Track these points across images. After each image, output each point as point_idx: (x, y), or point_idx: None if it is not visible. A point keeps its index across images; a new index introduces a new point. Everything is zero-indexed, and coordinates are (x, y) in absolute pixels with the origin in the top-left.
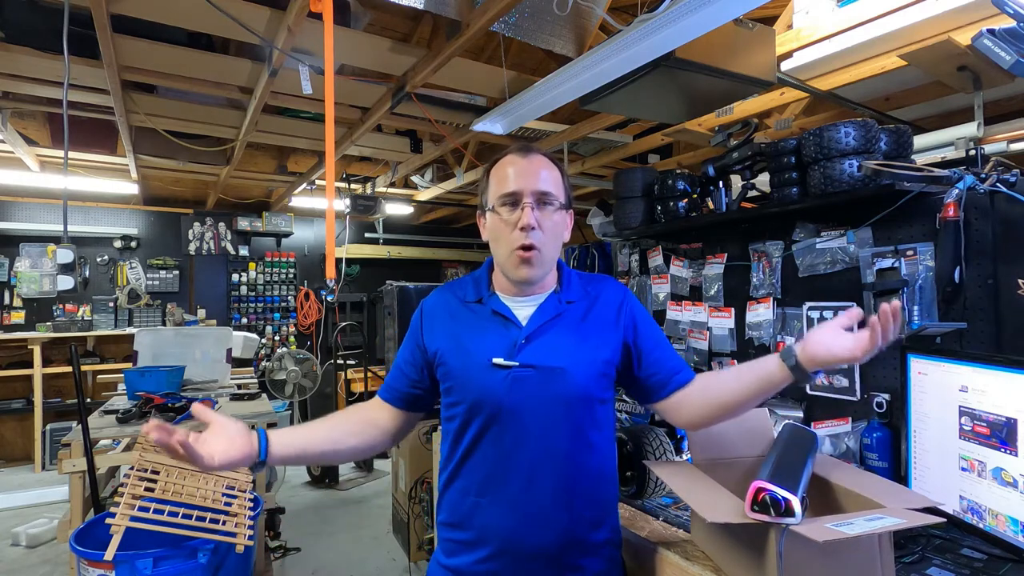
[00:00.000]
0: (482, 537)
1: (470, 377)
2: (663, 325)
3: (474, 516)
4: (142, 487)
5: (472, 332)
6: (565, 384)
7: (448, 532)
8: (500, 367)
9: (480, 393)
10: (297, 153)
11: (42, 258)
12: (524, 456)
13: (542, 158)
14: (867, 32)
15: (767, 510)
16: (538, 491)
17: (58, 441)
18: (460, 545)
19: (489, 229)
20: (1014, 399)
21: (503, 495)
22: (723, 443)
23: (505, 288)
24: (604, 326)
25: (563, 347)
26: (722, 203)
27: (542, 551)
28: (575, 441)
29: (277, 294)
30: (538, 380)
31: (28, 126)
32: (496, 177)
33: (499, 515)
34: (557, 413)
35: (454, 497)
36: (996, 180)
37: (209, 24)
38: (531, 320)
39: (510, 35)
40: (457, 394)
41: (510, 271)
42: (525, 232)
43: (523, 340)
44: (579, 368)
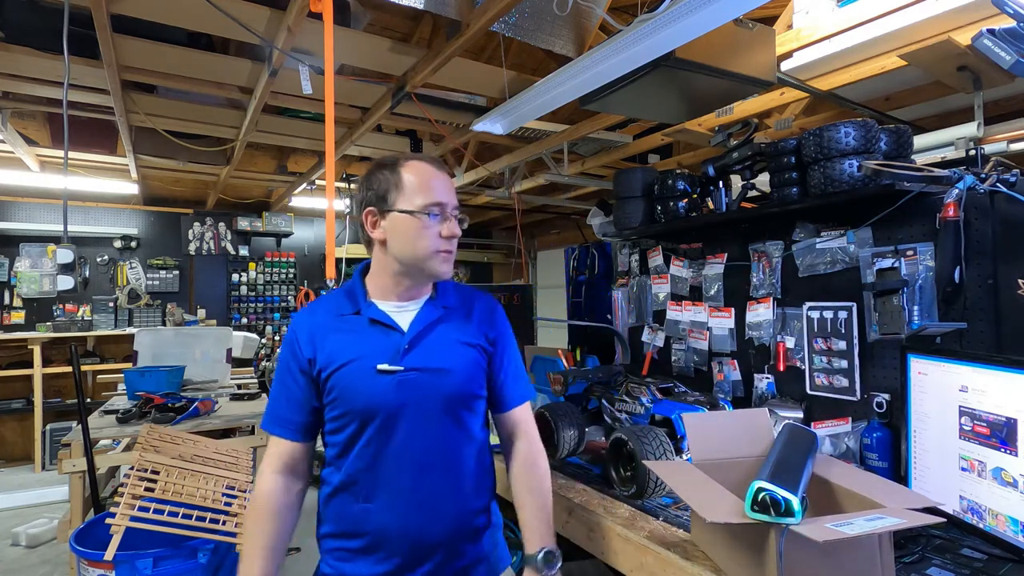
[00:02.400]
0: (377, 541)
1: (356, 386)
2: (663, 325)
3: (365, 522)
4: (142, 487)
5: (354, 342)
6: (449, 384)
7: (336, 542)
8: (385, 372)
9: (367, 400)
10: (297, 153)
11: (42, 258)
12: (414, 456)
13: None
14: (867, 32)
15: (767, 510)
16: (429, 486)
17: (58, 441)
18: (353, 553)
19: (400, 230)
20: (1014, 399)
21: (395, 495)
22: (723, 443)
23: (383, 295)
24: (478, 331)
25: (445, 349)
26: (722, 203)
27: (437, 542)
28: (459, 436)
29: (277, 294)
30: (424, 382)
31: (28, 126)
32: (418, 183)
33: (392, 516)
34: (443, 411)
35: (340, 507)
36: (996, 180)
37: (209, 24)
38: (412, 325)
39: (510, 35)
40: (344, 404)
41: (433, 267)
42: (450, 240)
43: (406, 345)
44: (461, 368)
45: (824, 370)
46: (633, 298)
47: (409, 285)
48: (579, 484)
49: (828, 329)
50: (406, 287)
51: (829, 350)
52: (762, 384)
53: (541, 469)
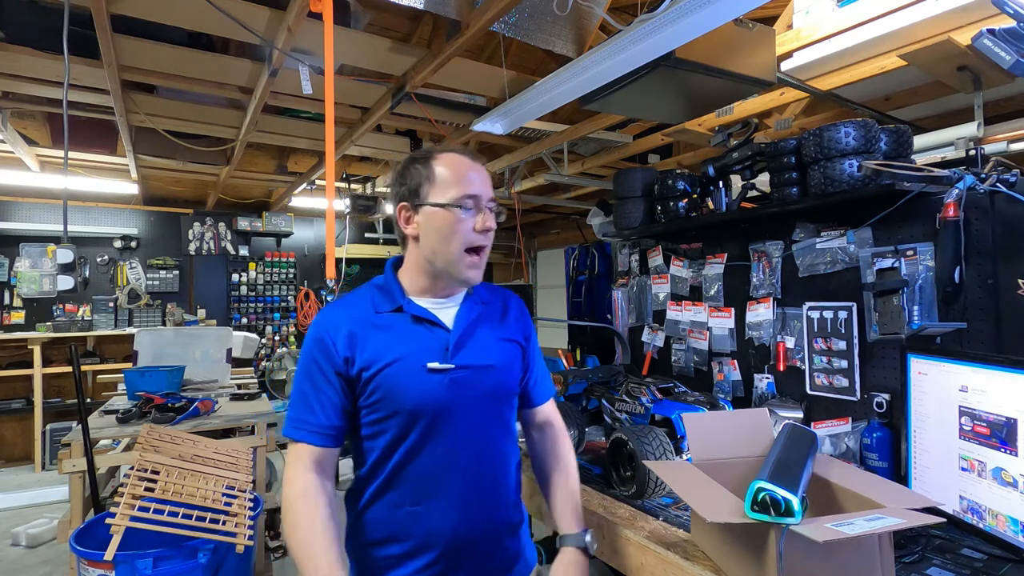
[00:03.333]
0: (424, 544)
1: (406, 386)
2: (663, 325)
3: (412, 525)
4: (142, 487)
5: (398, 340)
6: (496, 380)
7: (377, 550)
8: (437, 371)
9: (417, 400)
10: (297, 153)
11: (42, 258)
12: (463, 454)
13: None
14: (867, 32)
15: (767, 510)
16: (476, 483)
17: (58, 441)
18: (396, 559)
19: (431, 225)
20: (1014, 399)
21: (445, 496)
22: (724, 443)
23: (420, 292)
24: (514, 329)
25: (489, 345)
26: (722, 203)
27: (484, 539)
28: (503, 432)
29: (277, 294)
30: (473, 379)
31: (28, 126)
32: (451, 174)
33: (440, 517)
34: (489, 408)
35: (383, 512)
36: (996, 180)
37: (209, 24)
38: (457, 322)
39: (510, 35)
40: (391, 405)
41: (460, 272)
42: (485, 234)
43: (454, 342)
44: (505, 364)
45: (824, 370)
46: (633, 298)
47: (444, 284)
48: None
49: (828, 329)
50: (441, 285)
51: (829, 350)
52: (762, 384)
53: (571, 455)
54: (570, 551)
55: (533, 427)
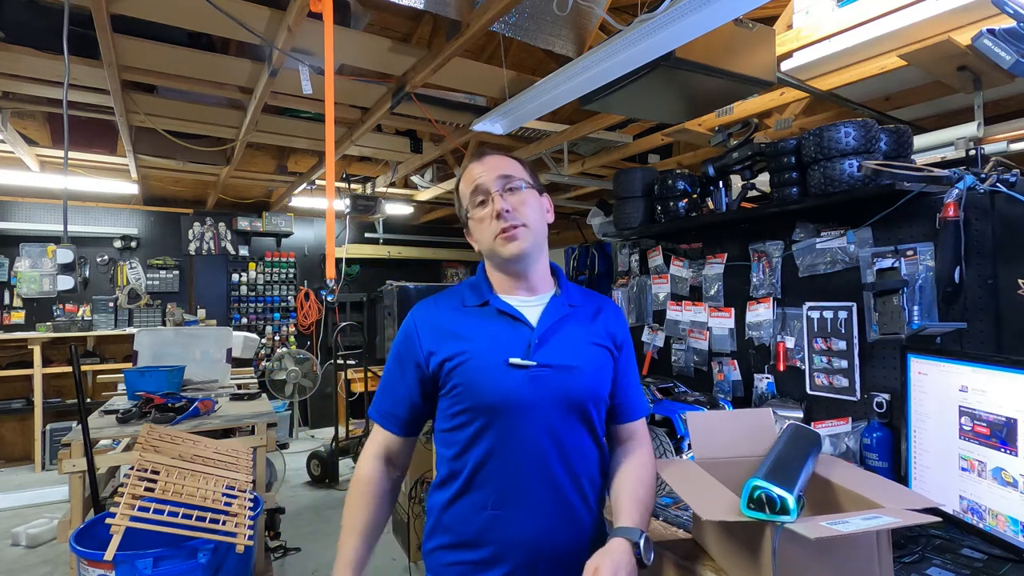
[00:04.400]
0: (502, 552)
1: (486, 379)
2: (663, 325)
3: (491, 530)
4: (142, 487)
5: (480, 335)
6: (580, 382)
7: (455, 554)
8: (518, 367)
9: (497, 394)
10: (297, 153)
11: (42, 258)
12: (544, 457)
13: (500, 155)
14: (867, 32)
15: (762, 508)
16: (564, 492)
17: (58, 441)
18: (473, 566)
19: (473, 233)
20: (1014, 399)
21: (526, 501)
22: (726, 442)
23: (507, 290)
24: (606, 335)
25: (575, 347)
26: (722, 203)
27: (566, 550)
28: (588, 438)
29: (277, 294)
30: (555, 379)
31: (28, 126)
32: (463, 185)
33: (522, 524)
34: (573, 411)
35: (463, 513)
36: (996, 180)
37: (209, 24)
38: (542, 319)
39: (510, 35)
40: (470, 399)
41: (501, 251)
42: (501, 219)
43: (536, 340)
44: (591, 368)
45: (824, 370)
46: (633, 298)
47: (520, 276)
48: None
49: (828, 329)
50: (520, 279)
51: (829, 350)
52: (762, 384)
53: (653, 471)
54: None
55: (619, 444)
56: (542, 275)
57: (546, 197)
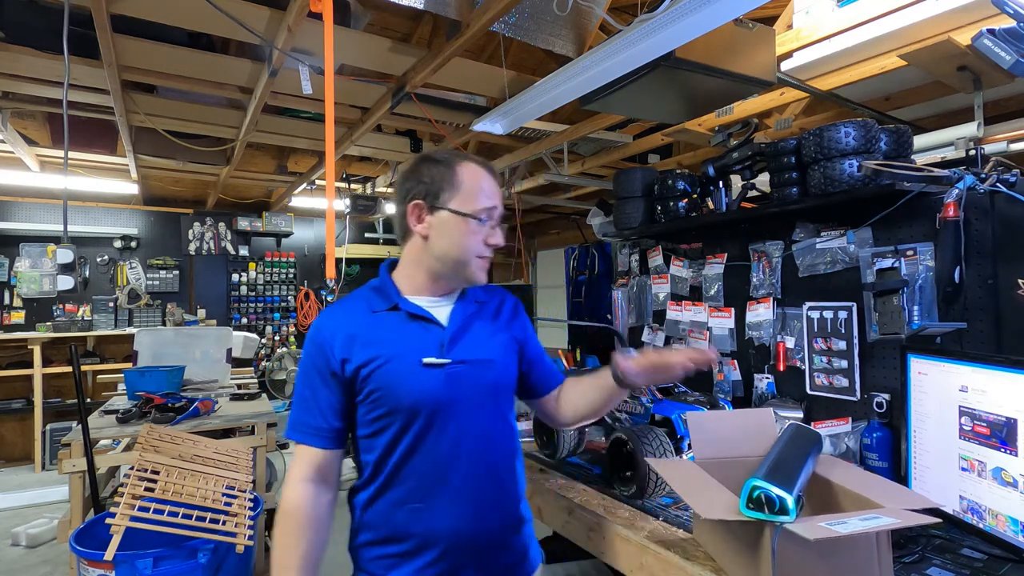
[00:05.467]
0: (426, 541)
1: (402, 382)
2: (663, 325)
3: (413, 523)
4: (142, 487)
5: (393, 339)
6: (494, 374)
7: (379, 549)
8: (433, 366)
9: (415, 396)
10: (297, 153)
11: (42, 258)
12: (464, 450)
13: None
14: (867, 32)
15: (761, 508)
16: (478, 478)
17: (58, 441)
18: (398, 558)
19: (446, 229)
20: (1014, 399)
21: (445, 492)
22: (727, 442)
23: (416, 291)
24: (509, 324)
25: (486, 341)
26: (722, 203)
27: (488, 538)
28: (504, 426)
29: (277, 294)
30: (471, 374)
31: (28, 126)
32: (475, 185)
33: (443, 513)
34: (489, 402)
35: (385, 511)
36: (996, 180)
37: (209, 24)
38: (452, 318)
39: (510, 35)
40: (388, 403)
41: (472, 273)
42: (489, 248)
43: (449, 338)
44: (503, 358)
45: (824, 370)
46: (633, 298)
47: (444, 283)
48: (579, 484)
49: (828, 329)
50: (441, 284)
51: (829, 350)
52: (762, 384)
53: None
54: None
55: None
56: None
57: None
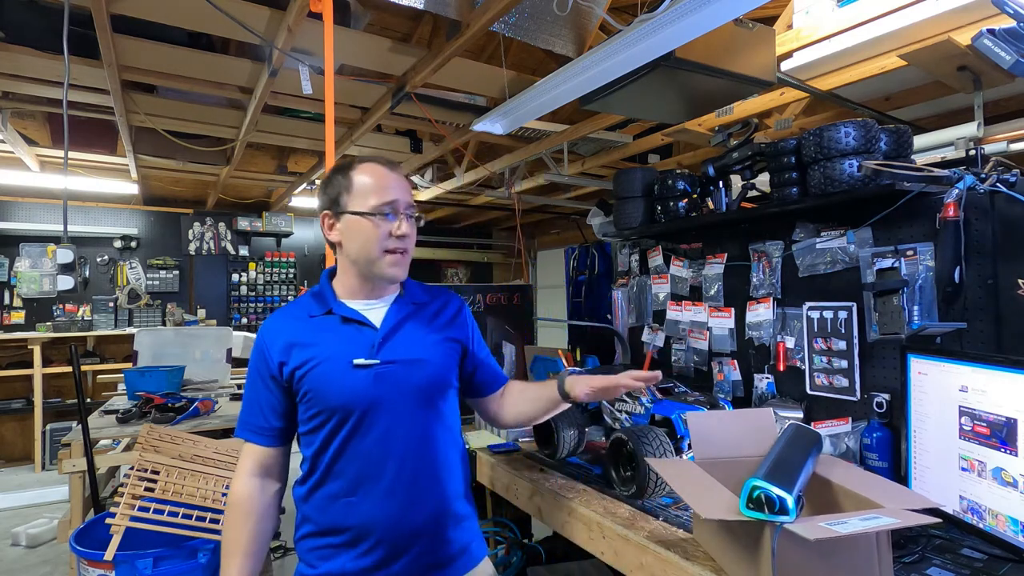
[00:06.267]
0: (360, 533)
1: (332, 382)
2: (663, 325)
3: (348, 516)
4: (142, 487)
5: (326, 341)
6: (425, 374)
7: (317, 540)
8: (362, 367)
9: (345, 395)
10: (297, 153)
11: (42, 258)
12: (394, 446)
13: (405, 176)
14: (867, 32)
15: (761, 508)
16: (411, 473)
17: (58, 441)
18: (335, 548)
19: (352, 231)
20: (1014, 399)
21: (378, 486)
22: (726, 442)
23: (351, 295)
24: (450, 326)
25: (419, 341)
26: (722, 203)
27: (421, 530)
28: (436, 424)
29: (277, 294)
30: (400, 373)
31: (28, 126)
32: (368, 183)
33: (376, 506)
34: (420, 400)
35: (321, 504)
36: (996, 180)
37: (209, 24)
38: (385, 320)
39: (510, 35)
40: (320, 403)
41: (383, 269)
42: (401, 239)
43: (380, 339)
44: (436, 358)
45: (824, 370)
46: (633, 298)
47: (373, 285)
48: (579, 484)
49: (828, 329)
50: (371, 287)
51: (829, 350)
52: (762, 384)
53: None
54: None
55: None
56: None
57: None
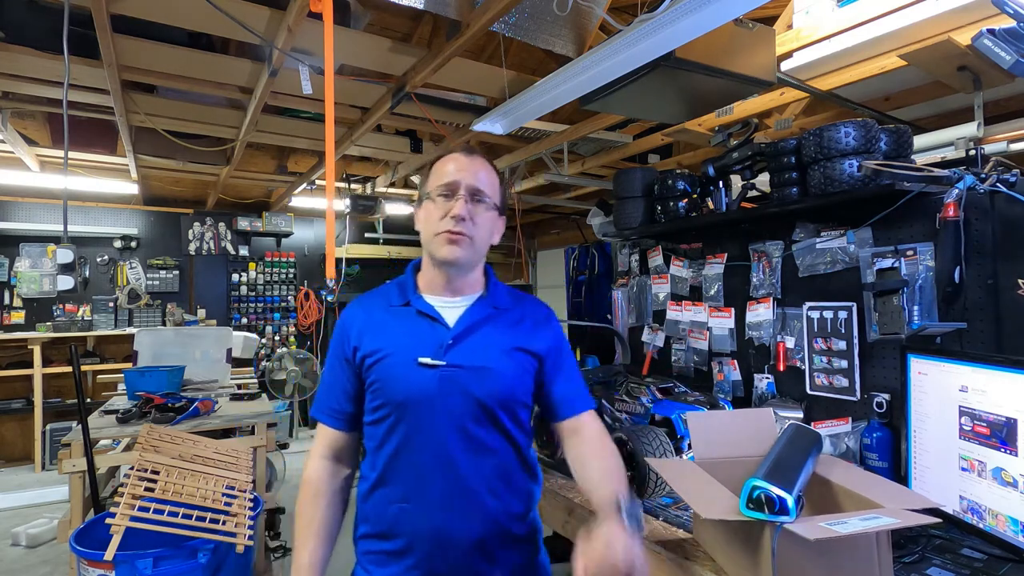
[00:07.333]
0: (411, 544)
1: (396, 377)
2: (663, 325)
3: (401, 523)
4: (142, 487)
5: (398, 333)
6: (491, 384)
7: (373, 544)
8: (427, 366)
9: (405, 392)
10: (297, 153)
11: (42, 258)
12: (448, 454)
13: (484, 161)
14: (867, 32)
15: (761, 508)
16: (466, 485)
17: (58, 441)
18: (388, 556)
19: (420, 217)
20: (1014, 399)
21: (431, 496)
22: (726, 442)
23: (430, 289)
24: (529, 336)
25: (491, 348)
26: (722, 203)
27: (473, 542)
28: (498, 438)
29: (277, 294)
30: (465, 379)
31: (28, 126)
32: (437, 170)
33: (428, 516)
34: (481, 411)
35: (379, 505)
36: (996, 180)
37: (209, 24)
38: (459, 321)
39: (510, 35)
40: (383, 395)
41: (437, 250)
42: (455, 220)
43: (450, 340)
44: (505, 370)
45: (824, 370)
46: (633, 298)
47: (448, 278)
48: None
49: (828, 329)
50: (447, 280)
51: (829, 350)
52: (762, 384)
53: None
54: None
55: (565, 439)
56: (470, 281)
57: (502, 220)
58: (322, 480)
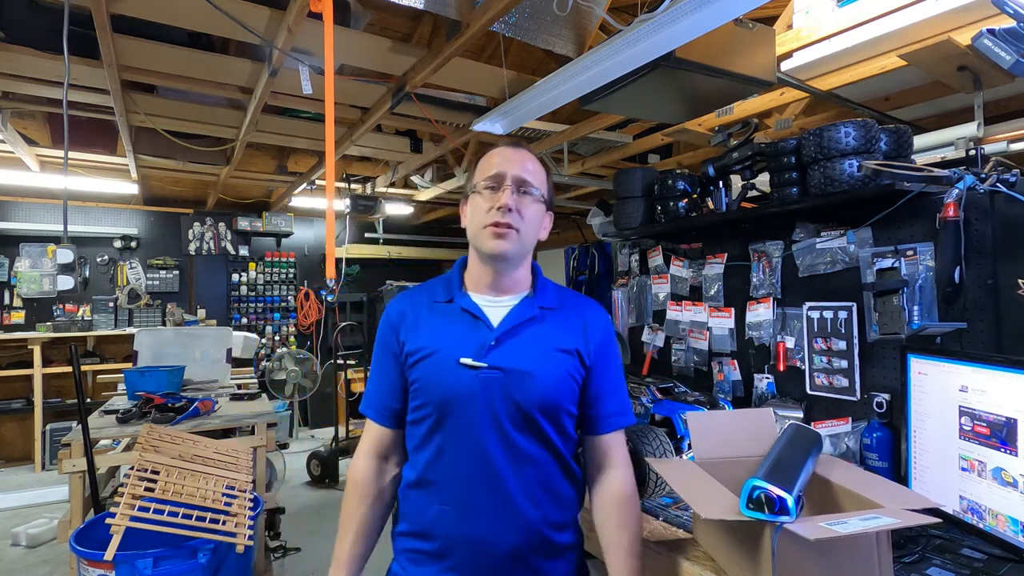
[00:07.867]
0: (449, 547)
1: (438, 376)
2: (663, 325)
3: (440, 524)
4: (142, 487)
5: (441, 331)
6: (533, 389)
7: (411, 542)
8: (468, 367)
9: (445, 393)
10: (297, 153)
11: (42, 258)
12: (488, 458)
13: (530, 153)
14: (867, 32)
15: (761, 508)
16: (510, 495)
17: (58, 441)
18: (426, 556)
19: (468, 212)
20: (1014, 399)
21: (470, 500)
22: (726, 442)
23: (476, 286)
24: (577, 340)
25: (534, 351)
26: (722, 203)
27: (510, 551)
28: (538, 443)
29: (277, 294)
30: (505, 383)
31: (28, 126)
32: (483, 163)
33: (466, 521)
34: (522, 416)
35: (418, 504)
36: (996, 180)
37: (209, 24)
38: (503, 321)
39: (510, 35)
40: (424, 394)
41: (483, 244)
42: (502, 212)
43: (493, 341)
44: (548, 374)
45: (824, 370)
46: (633, 298)
47: (494, 274)
48: None
49: (828, 329)
50: (493, 277)
51: (829, 350)
52: (762, 384)
53: (634, 506)
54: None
55: (591, 461)
56: (516, 278)
57: (549, 215)
58: (367, 482)
